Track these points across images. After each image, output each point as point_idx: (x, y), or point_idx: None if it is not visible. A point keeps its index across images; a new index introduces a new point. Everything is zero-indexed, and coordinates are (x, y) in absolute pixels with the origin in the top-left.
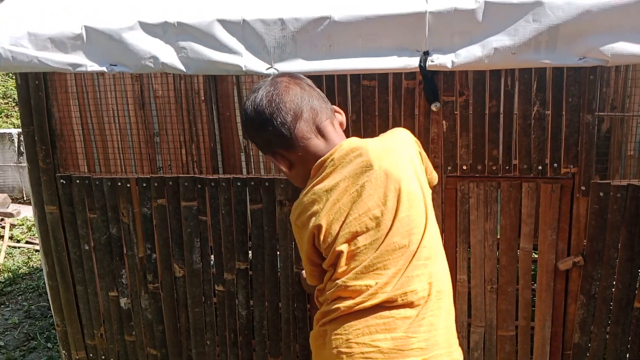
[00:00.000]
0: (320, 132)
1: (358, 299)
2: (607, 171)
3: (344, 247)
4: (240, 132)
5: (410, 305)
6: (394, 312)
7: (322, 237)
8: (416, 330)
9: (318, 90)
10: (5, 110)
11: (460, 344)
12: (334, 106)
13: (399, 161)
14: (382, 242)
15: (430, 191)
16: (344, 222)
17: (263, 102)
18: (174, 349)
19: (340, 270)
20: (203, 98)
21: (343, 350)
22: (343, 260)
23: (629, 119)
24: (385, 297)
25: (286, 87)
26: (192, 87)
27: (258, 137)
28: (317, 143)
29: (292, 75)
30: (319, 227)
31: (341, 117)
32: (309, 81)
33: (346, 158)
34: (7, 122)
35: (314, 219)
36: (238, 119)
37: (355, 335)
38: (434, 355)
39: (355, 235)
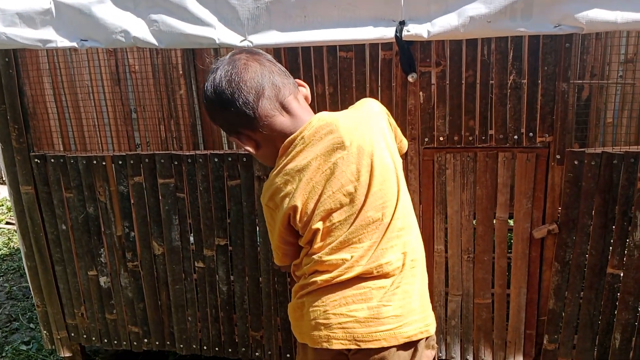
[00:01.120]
0: (285, 109)
1: (334, 273)
2: (586, 139)
3: (319, 225)
4: None
5: (385, 275)
6: (370, 282)
7: (298, 217)
8: (390, 298)
9: (279, 65)
10: None
11: (438, 313)
12: (297, 80)
13: (370, 134)
14: (357, 217)
15: (401, 160)
16: (318, 200)
17: (222, 82)
18: (156, 327)
19: (316, 246)
20: (181, 72)
21: (321, 321)
22: (319, 237)
23: (609, 87)
24: (361, 269)
25: (245, 64)
26: (170, 61)
27: (221, 119)
28: (282, 120)
29: (250, 52)
30: (294, 208)
31: (305, 90)
32: (269, 56)
33: (316, 135)
34: None
35: (287, 199)
36: None
37: (332, 307)
38: (409, 322)
39: (330, 212)
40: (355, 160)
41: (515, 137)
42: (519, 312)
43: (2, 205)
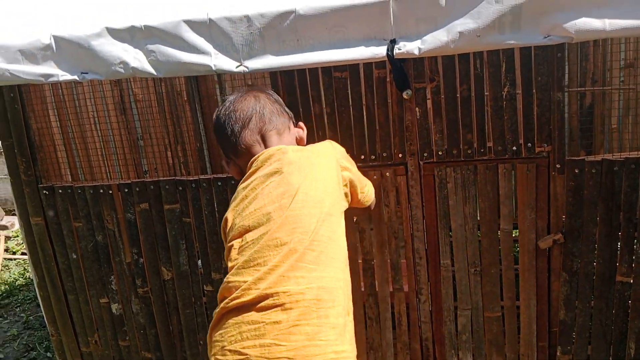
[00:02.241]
0: (264, 140)
1: (232, 295)
2: (592, 146)
3: (236, 242)
4: None
5: (282, 306)
6: (265, 316)
7: (227, 230)
8: (286, 337)
9: (279, 103)
10: None
11: (448, 328)
12: (300, 122)
13: (310, 167)
14: (265, 235)
15: (343, 204)
16: (240, 216)
17: (221, 110)
18: (169, 351)
19: (230, 264)
20: (186, 99)
21: (219, 358)
22: (234, 255)
23: (612, 93)
24: (257, 293)
25: (243, 97)
26: (174, 88)
27: (218, 143)
28: (258, 150)
29: (259, 89)
30: (225, 220)
31: (302, 132)
32: (274, 95)
33: (267, 161)
34: None
35: (227, 212)
36: None
37: (229, 343)
38: None
39: (247, 230)
40: (284, 184)
41: (514, 148)
42: (529, 324)
43: (17, 236)
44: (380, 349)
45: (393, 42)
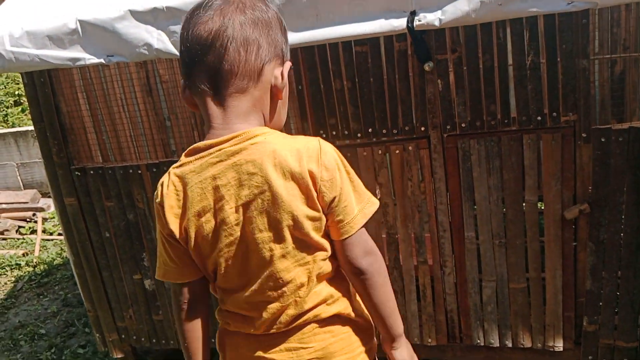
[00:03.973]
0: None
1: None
2: (623, 114)
3: None
4: None
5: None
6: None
7: None
8: (310, 339)
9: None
10: (27, 109)
11: (473, 300)
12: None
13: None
14: None
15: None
16: None
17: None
18: None
19: None
20: None
21: None
22: None
23: None
24: None
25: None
26: None
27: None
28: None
29: None
30: None
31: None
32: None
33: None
34: (30, 119)
35: None
36: None
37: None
38: None
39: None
40: None
41: (539, 118)
42: (555, 294)
43: (54, 217)
44: (406, 321)
45: (413, 13)
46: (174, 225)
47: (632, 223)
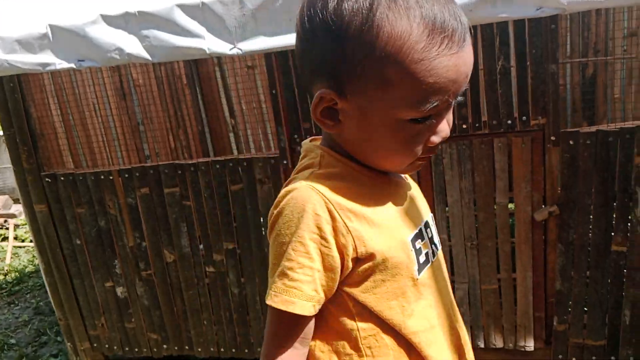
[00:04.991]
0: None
1: None
2: (594, 117)
3: None
4: (227, 113)
5: None
6: None
7: None
8: None
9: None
10: None
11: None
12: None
13: None
14: None
15: None
16: None
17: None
18: (173, 332)
19: None
20: (186, 82)
21: None
22: None
23: (614, 62)
24: None
25: None
26: (174, 72)
27: None
28: None
29: None
30: None
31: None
32: None
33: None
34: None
35: None
36: (224, 100)
37: None
38: None
39: None
40: None
41: (509, 122)
42: (526, 295)
43: (26, 224)
44: None
45: None
46: None
47: (599, 224)
